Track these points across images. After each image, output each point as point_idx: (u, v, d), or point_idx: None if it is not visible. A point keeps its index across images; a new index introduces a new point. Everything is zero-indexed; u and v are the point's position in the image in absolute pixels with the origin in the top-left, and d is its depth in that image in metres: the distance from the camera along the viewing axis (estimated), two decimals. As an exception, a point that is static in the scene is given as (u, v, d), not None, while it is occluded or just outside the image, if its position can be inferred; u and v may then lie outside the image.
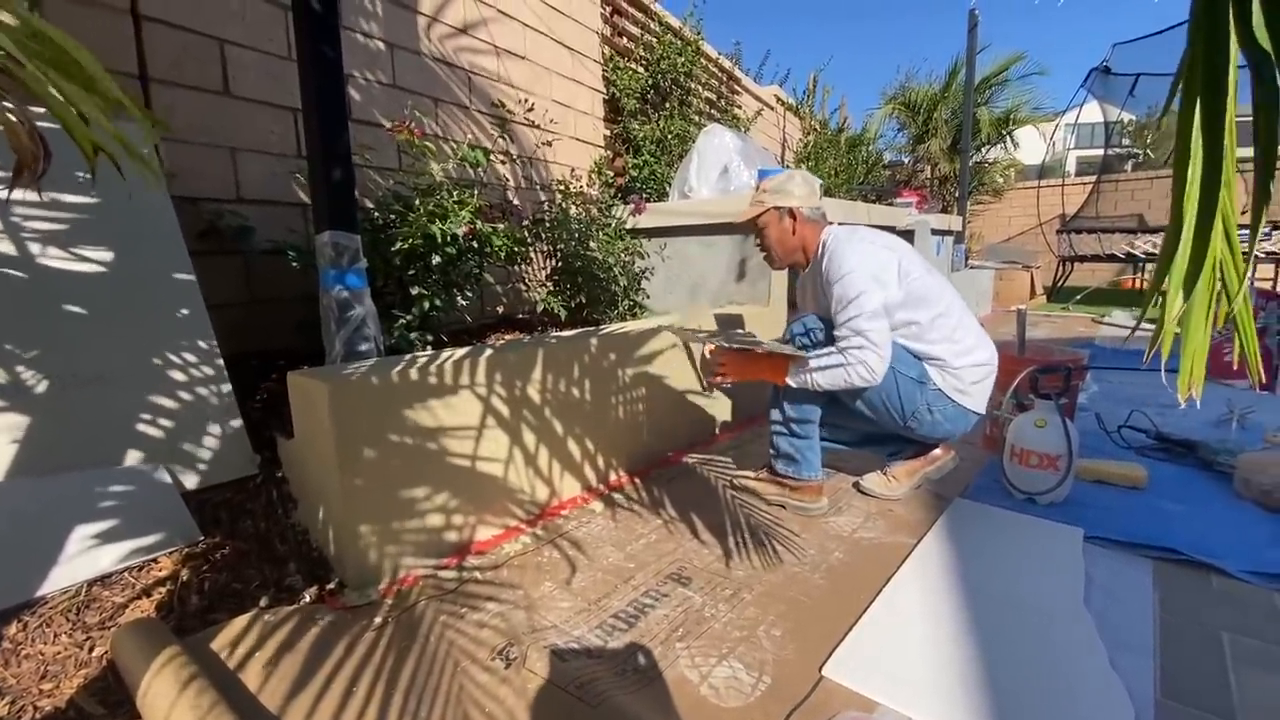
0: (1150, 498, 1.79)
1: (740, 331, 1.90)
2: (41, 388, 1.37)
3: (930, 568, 1.45)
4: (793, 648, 1.17)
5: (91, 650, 1.09)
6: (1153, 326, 0.76)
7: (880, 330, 1.58)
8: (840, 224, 1.83)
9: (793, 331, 1.80)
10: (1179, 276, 0.69)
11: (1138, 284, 8.32)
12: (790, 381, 1.68)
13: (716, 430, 2.45)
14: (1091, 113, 8.26)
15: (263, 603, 1.26)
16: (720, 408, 2.47)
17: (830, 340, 1.68)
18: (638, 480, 1.98)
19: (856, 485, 1.92)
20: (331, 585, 1.34)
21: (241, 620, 1.17)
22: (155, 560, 1.31)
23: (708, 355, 1.90)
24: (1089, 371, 3.12)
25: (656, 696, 1.05)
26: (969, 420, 1.74)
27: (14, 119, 0.83)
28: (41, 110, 1.08)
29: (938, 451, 1.90)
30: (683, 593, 1.36)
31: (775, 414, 1.81)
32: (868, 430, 1.90)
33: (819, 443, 1.80)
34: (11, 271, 1.39)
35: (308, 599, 1.29)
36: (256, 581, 1.31)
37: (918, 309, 1.67)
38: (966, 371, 1.68)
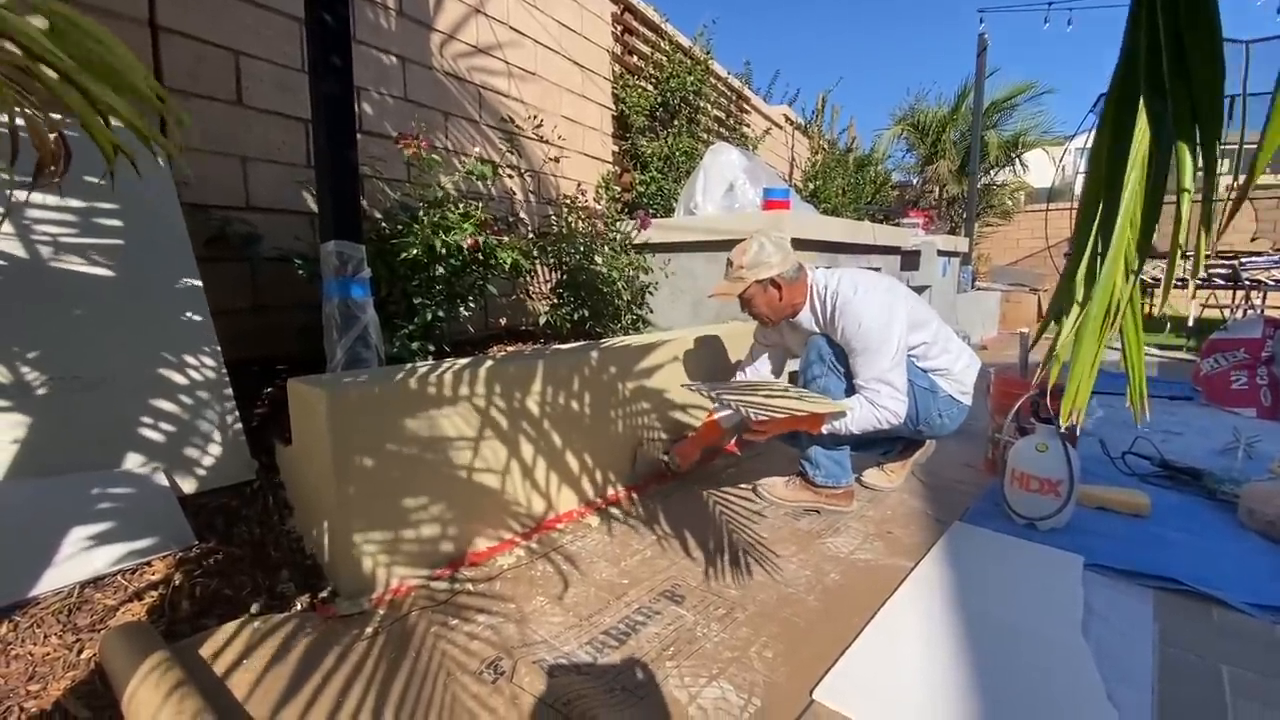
0: (1153, 526, 1.77)
1: (774, 388, 1.90)
2: (44, 389, 1.39)
3: (926, 592, 1.43)
4: (784, 670, 1.16)
5: (80, 652, 1.09)
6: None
7: (901, 376, 1.73)
8: (819, 268, 1.90)
9: (811, 376, 1.85)
10: (1071, 301, 0.72)
11: (1146, 309, 8.29)
12: (824, 430, 1.77)
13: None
14: (1101, 138, 8.26)
15: (254, 609, 1.25)
16: (720, 424, 2.46)
17: (836, 376, 1.81)
18: (635, 495, 1.97)
19: (859, 480, 2.05)
20: (324, 594, 1.33)
21: (231, 627, 1.17)
22: (149, 564, 1.32)
23: (751, 424, 1.87)
24: (1093, 396, 3.09)
25: (643, 716, 1.04)
26: (965, 413, 1.92)
27: (37, 119, 0.85)
28: (58, 117, 1.10)
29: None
30: (675, 611, 1.35)
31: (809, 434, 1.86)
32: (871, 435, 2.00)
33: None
34: (19, 272, 1.41)
35: (299, 607, 1.29)
36: (248, 588, 1.31)
37: (922, 331, 1.83)
38: (963, 374, 1.87)
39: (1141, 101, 0.63)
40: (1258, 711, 1.06)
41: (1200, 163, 0.60)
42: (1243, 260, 5.18)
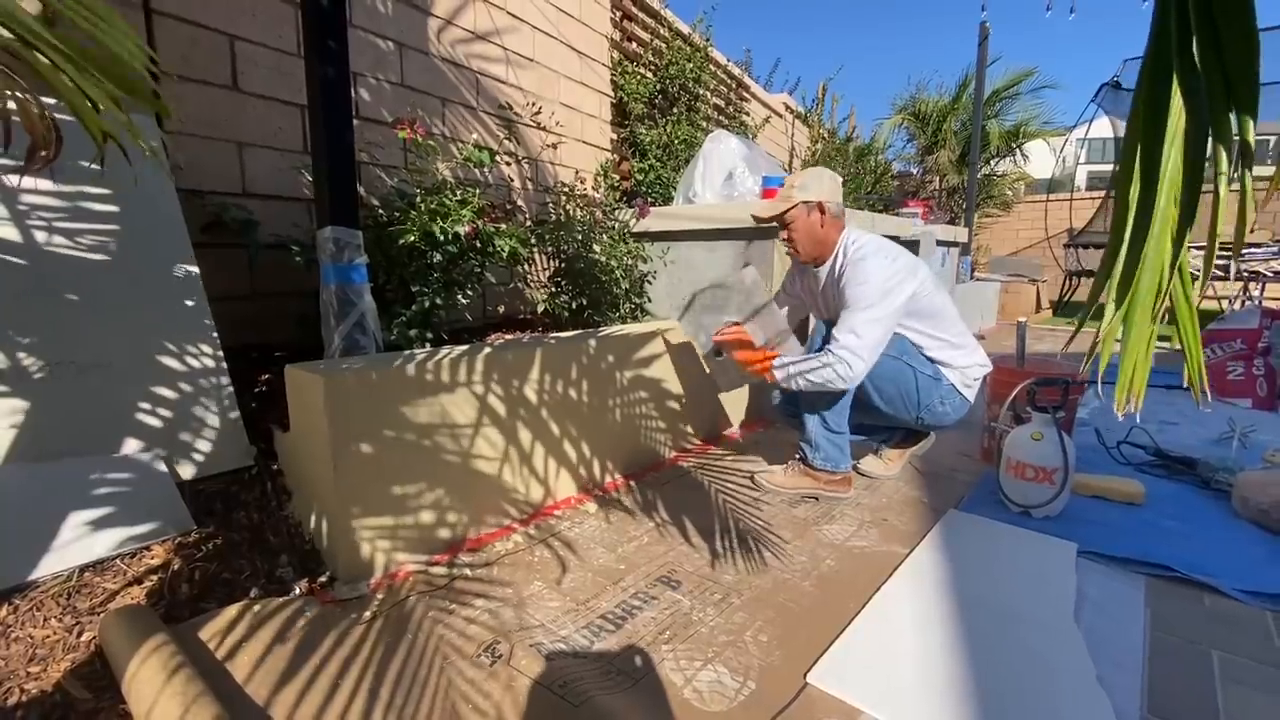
0: (1147, 514, 1.78)
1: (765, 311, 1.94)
2: (40, 374, 1.38)
3: (921, 578, 1.44)
4: (779, 654, 1.17)
5: (80, 635, 1.10)
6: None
7: (875, 337, 1.70)
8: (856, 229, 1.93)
9: (815, 345, 1.89)
10: (1114, 287, 0.70)
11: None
12: (777, 376, 1.78)
13: (714, 435, 2.45)
14: (1102, 128, 8.22)
15: (253, 594, 1.26)
16: (717, 413, 2.46)
17: None
18: (633, 483, 1.98)
19: (854, 468, 2.03)
20: (323, 578, 1.34)
21: (231, 610, 1.17)
22: (148, 548, 1.32)
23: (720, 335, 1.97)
24: (1089, 386, 3.10)
25: (639, 698, 1.05)
26: (966, 409, 1.93)
27: (29, 103, 0.85)
28: (53, 101, 1.10)
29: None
30: (671, 596, 1.36)
31: (813, 416, 1.87)
32: (869, 422, 2.04)
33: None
34: (14, 258, 1.41)
35: (298, 591, 1.30)
36: (247, 572, 1.32)
37: (939, 321, 1.85)
38: (971, 369, 1.90)
39: (1175, 76, 0.60)
40: (1246, 695, 1.07)
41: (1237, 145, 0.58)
42: (1240, 252, 5.17)
